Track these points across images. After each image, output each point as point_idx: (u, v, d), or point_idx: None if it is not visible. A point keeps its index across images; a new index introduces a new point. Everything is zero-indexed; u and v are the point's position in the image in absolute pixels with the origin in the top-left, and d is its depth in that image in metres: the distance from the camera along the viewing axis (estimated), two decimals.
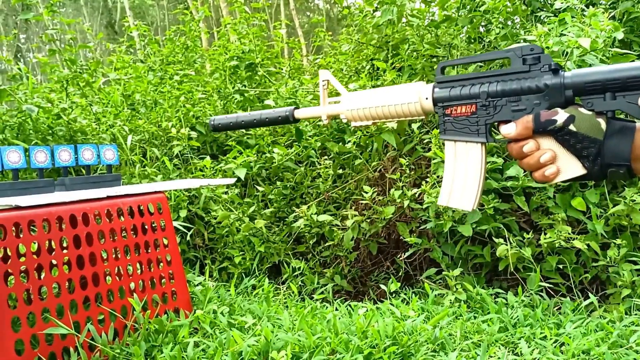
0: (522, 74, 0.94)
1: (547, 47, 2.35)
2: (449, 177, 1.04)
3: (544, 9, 3.31)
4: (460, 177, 1.02)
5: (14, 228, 1.71)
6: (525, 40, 2.57)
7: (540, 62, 0.93)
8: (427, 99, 1.03)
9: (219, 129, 1.27)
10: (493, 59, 1.01)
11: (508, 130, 0.94)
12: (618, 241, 2.39)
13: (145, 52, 5.13)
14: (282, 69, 4.53)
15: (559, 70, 0.92)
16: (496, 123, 0.98)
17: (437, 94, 1.02)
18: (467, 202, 1.02)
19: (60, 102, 3.89)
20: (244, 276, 3.03)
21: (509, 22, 3.30)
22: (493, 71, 0.97)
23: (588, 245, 2.42)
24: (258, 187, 3.56)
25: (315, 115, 1.19)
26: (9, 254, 1.71)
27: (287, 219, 3.37)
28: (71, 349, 1.74)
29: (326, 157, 3.47)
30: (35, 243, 1.79)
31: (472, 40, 3.45)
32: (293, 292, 2.74)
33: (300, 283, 3.01)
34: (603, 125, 0.88)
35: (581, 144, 0.88)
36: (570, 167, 0.91)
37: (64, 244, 1.89)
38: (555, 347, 1.94)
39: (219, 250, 3.29)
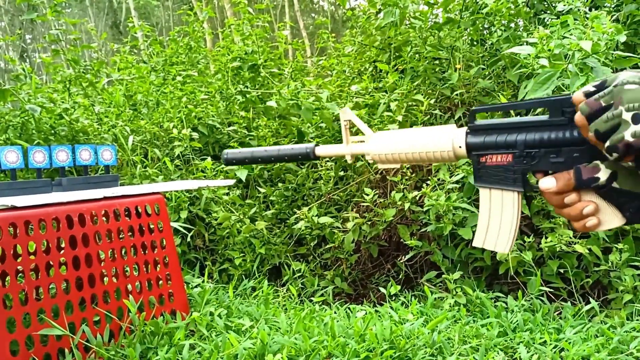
0: (562, 125, 0.89)
1: (549, 50, 2.33)
2: (484, 221, 1.01)
3: (547, 12, 3.29)
4: (495, 222, 1.00)
5: (10, 228, 1.70)
6: (527, 43, 2.56)
7: None
8: (460, 147, 0.99)
9: (232, 163, 1.21)
10: (531, 107, 0.96)
11: (548, 185, 0.90)
12: (620, 246, 2.37)
13: (148, 52, 5.14)
14: (284, 71, 4.52)
15: None
16: (533, 172, 0.94)
17: (471, 140, 0.97)
18: (501, 245, 0.99)
19: (62, 102, 3.90)
20: (244, 278, 3.02)
21: (512, 25, 3.28)
22: (530, 118, 0.92)
23: (589, 249, 2.40)
24: (259, 189, 3.55)
25: (338, 154, 1.14)
26: (5, 254, 1.71)
27: (288, 221, 3.36)
28: (66, 350, 1.74)
29: (328, 159, 3.45)
30: (32, 243, 1.79)
31: (475, 43, 3.43)
32: (292, 295, 2.73)
33: (300, 285, 2.99)
34: None
35: (623, 199, 0.86)
36: (611, 219, 0.88)
37: (61, 245, 1.88)
38: (554, 352, 1.92)
39: (219, 251, 3.28)
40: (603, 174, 0.85)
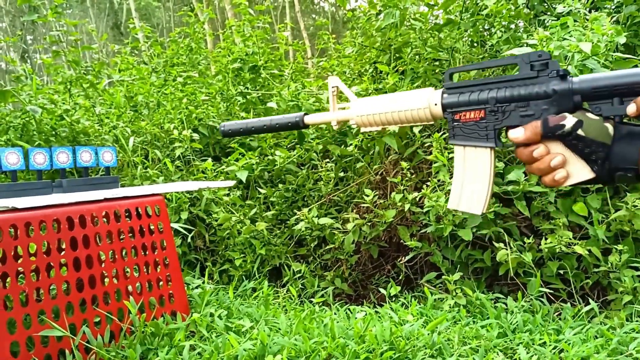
0: (531, 79, 0.95)
1: (548, 51, 2.33)
2: (459, 181, 1.05)
3: (547, 13, 3.29)
4: (470, 182, 1.04)
5: (10, 230, 1.71)
6: (527, 45, 2.56)
7: (548, 67, 0.93)
8: (436, 104, 1.04)
9: (229, 134, 1.27)
10: (501, 65, 1.02)
11: (516, 134, 0.95)
12: (620, 247, 2.37)
13: (149, 53, 5.15)
14: (284, 72, 4.53)
15: (567, 76, 0.93)
16: (505, 128, 0.99)
17: (446, 99, 1.03)
18: (476, 206, 1.03)
19: (63, 103, 3.91)
20: (245, 279, 3.03)
21: (512, 26, 3.29)
22: (501, 77, 0.98)
23: (589, 250, 2.40)
24: (260, 190, 3.56)
25: (325, 121, 1.19)
26: (6, 255, 1.71)
27: (288, 222, 3.36)
28: (67, 351, 1.74)
29: (328, 160, 3.46)
30: (32, 245, 1.79)
31: (475, 44, 3.43)
32: (293, 296, 2.73)
33: (300, 286, 3.00)
34: (611, 130, 0.89)
35: (590, 149, 0.90)
36: (579, 171, 0.92)
37: (62, 246, 1.89)
38: (554, 353, 1.92)
39: (220, 252, 3.28)
40: (569, 122, 0.90)
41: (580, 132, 0.90)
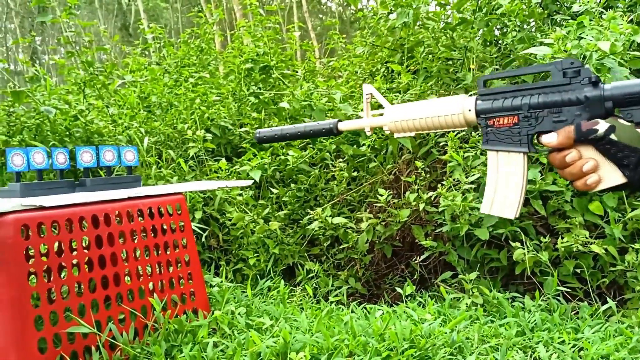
0: (563, 86, 0.96)
1: (565, 51, 2.34)
2: (492, 185, 1.07)
3: (561, 12, 3.30)
4: (503, 186, 1.05)
5: (37, 228, 1.73)
6: (542, 44, 2.57)
7: (580, 75, 0.95)
8: (470, 110, 1.06)
9: (264, 140, 1.30)
10: (534, 73, 1.04)
11: (550, 139, 0.97)
12: (636, 246, 2.37)
13: (160, 54, 5.17)
14: (296, 72, 4.54)
15: (599, 83, 0.94)
16: (537, 134, 1.01)
17: (480, 105, 1.05)
18: (509, 210, 1.05)
19: (77, 103, 3.93)
20: (259, 278, 3.04)
21: (525, 25, 3.29)
22: (534, 84, 1.00)
23: (606, 249, 2.41)
24: (272, 189, 3.57)
25: (359, 127, 1.21)
26: (32, 253, 1.73)
27: (301, 221, 3.38)
28: (93, 348, 1.76)
29: (340, 159, 3.47)
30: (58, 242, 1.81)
31: (488, 43, 3.44)
32: (308, 294, 2.75)
33: (314, 285, 3.01)
34: None
35: (622, 153, 0.91)
36: (611, 176, 0.93)
37: (87, 244, 1.91)
38: (573, 351, 1.93)
39: (233, 251, 3.30)
40: (602, 127, 0.91)
41: (612, 136, 0.91)
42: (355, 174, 3.47)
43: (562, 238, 2.47)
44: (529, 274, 2.50)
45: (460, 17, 3.41)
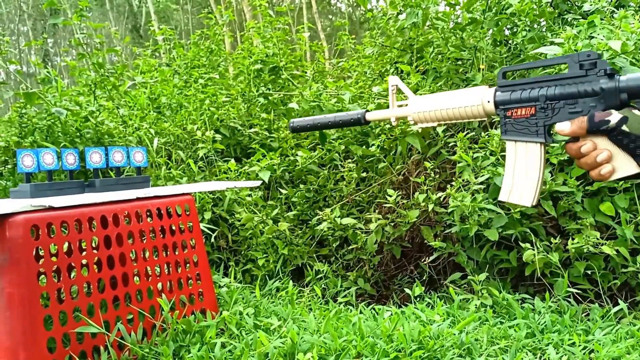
0: (579, 78, 0.99)
1: (576, 50, 2.32)
2: (510, 174, 1.11)
3: (572, 11, 3.27)
4: (521, 175, 1.09)
5: (47, 228, 1.74)
6: (553, 43, 2.55)
7: (596, 67, 0.97)
8: (489, 102, 1.10)
9: (297, 129, 1.36)
10: (552, 65, 1.07)
11: (562, 127, 1.00)
12: None
13: (170, 55, 5.20)
14: (306, 72, 4.54)
15: (615, 75, 0.96)
16: (554, 124, 1.04)
17: (499, 97, 1.08)
18: (526, 198, 1.09)
19: (88, 105, 3.96)
20: (267, 278, 3.04)
21: (536, 25, 3.27)
22: (552, 76, 1.02)
23: (617, 250, 2.38)
24: (281, 190, 3.58)
25: (385, 117, 1.26)
26: (42, 253, 1.75)
27: (310, 222, 3.37)
28: (101, 348, 1.77)
29: (350, 160, 3.47)
30: (67, 243, 1.82)
31: (498, 43, 3.42)
32: (317, 295, 2.74)
33: (323, 286, 3.01)
34: None
35: (634, 144, 0.93)
36: (625, 165, 0.95)
37: (95, 244, 1.92)
38: (584, 354, 1.91)
39: (242, 252, 3.31)
40: (614, 117, 0.94)
41: (625, 127, 0.93)
42: (364, 174, 3.46)
43: (573, 239, 2.44)
44: (539, 275, 2.48)
45: (470, 17, 3.40)
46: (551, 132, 1.06)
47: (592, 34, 2.39)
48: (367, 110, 1.29)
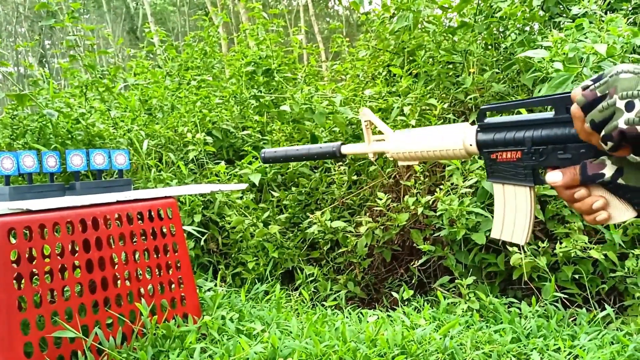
0: (566, 122, 0.90)
1: (563, 54, 2.31)
2: (500, 215, 1.05)
3: (563, 15, 3.26)
4: (510, 215, 1.03)
5: (25, 231, 1.73)
6: (542, 47, 2.53)
7: None
8: (471, 145, 1.02)
9: (269, 161, 1.32)
10: (535, 106, 0.98)
11: (555, 179, 0.92)
12: (637, 251, 2.33)
13: (163, 57, 5.19)
14: (298, 75, 4.53)
15: None
16: (544, 168, 0.95)
17: (481, 138, 1.00)
18: (518, 237, 1.03)
19: (79, 106, 3.95)
20: (258, 282, 3.03)
21: (527, 28, 3.26)
22: (538, 115, 0.93)
23: (605, 255, 2.37)
24: (273, 193, 3.56)
25: (361, 152, 1.21)
26: (20, 257, 1.73)
27: (301, 225, 3.36)
28: (79, 353, 1.75)
29: (341, 163, 3.45)
30: (46, 247, 1.81)
31: (489, 47, 3.41)
32: (305, 299, 2.73)
33: (313, 289, 2.99)
34: None
35: (631, 194, 0.86)
36: (621, 213, 0.89)
37: (75, 248, 1.91)
38: (568, 359, 1.89)
39: (233, 255, 3.29)
40: (609, 170, 0.86)
41: (620, 180, 0.85)
42: (355, 177, 3.45)
43: (561, 243, 2.43)
44: (527, 279, 2.46)
45: (461, 21, 3.39)
46: (540, 174, 0.97)
47: (580, 37, 2.38)
48: (343, 143, 1.23)
